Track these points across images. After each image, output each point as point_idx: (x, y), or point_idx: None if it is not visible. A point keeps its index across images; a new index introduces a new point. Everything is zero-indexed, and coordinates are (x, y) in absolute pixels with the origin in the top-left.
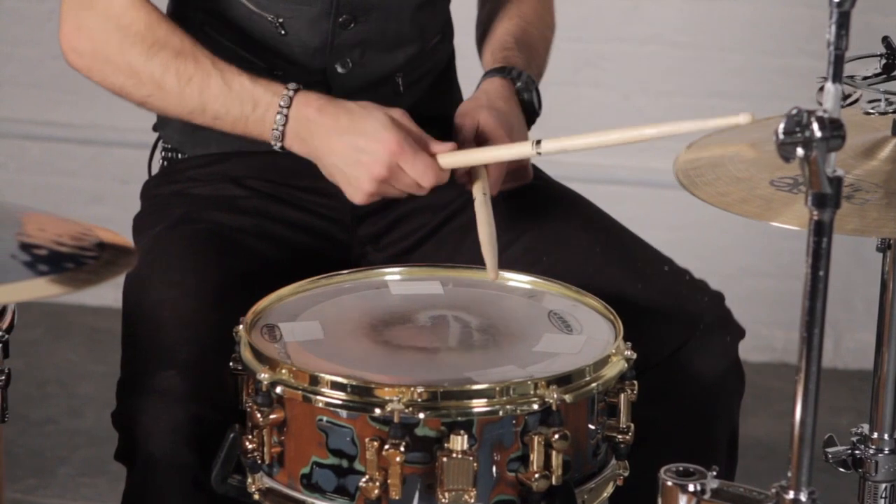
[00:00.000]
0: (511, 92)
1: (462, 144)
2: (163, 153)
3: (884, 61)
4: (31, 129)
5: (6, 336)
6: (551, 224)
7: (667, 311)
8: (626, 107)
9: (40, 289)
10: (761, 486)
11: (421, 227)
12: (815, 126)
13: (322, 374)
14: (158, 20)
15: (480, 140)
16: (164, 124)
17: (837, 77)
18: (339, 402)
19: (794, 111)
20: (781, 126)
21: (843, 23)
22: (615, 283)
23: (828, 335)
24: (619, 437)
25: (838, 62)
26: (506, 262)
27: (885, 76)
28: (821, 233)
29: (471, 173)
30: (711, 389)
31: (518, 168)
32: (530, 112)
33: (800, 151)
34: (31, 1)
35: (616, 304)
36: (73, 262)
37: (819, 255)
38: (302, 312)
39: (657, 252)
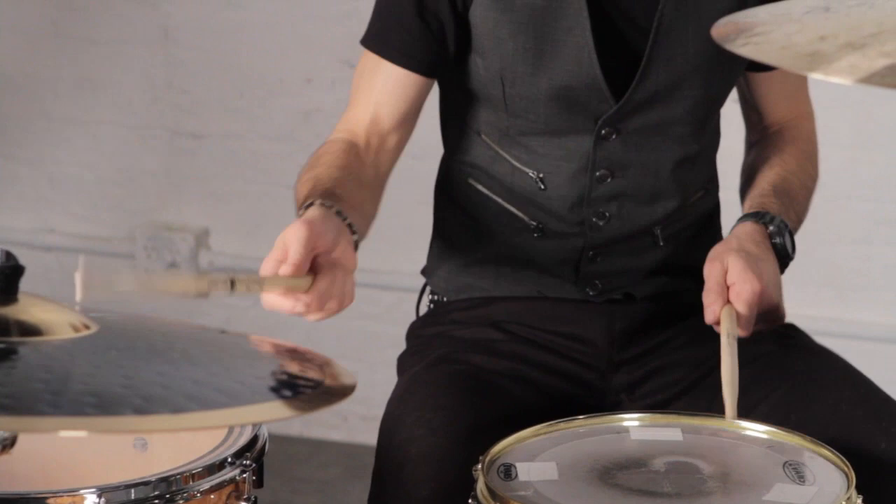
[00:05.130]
0: (763, 236)
1: (711, 288)
2: (430, 296)
3: None
4: None
5: (253, 465)
6: (801, 381)
7: None
8: None
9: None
10: None
11: (678, 381)
12: None
13: None
14: (339, 151)
15: (730, 284)
16: (432, 272)
17: None
18: None
19: None
20: None
21: None
22: (858, 439)
23: None
24: None
25: None
26: (755, 417)
27: None
28: None
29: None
30: None
31: (769, 310)
32: (783, 256)
33: None
34: None
35: (858, 460)
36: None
37: None
38: (540, 454)
39: None
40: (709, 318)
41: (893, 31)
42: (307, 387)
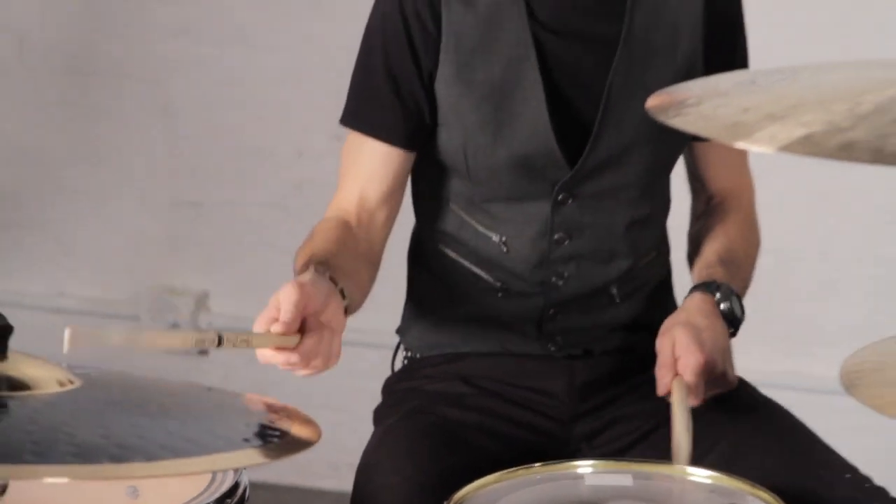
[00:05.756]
0: (712, 305)
1: (662, 363)
2: (404, 353)
3: None
4: None
5: None
6: (745, 431)
7: None
8: None
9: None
10: None
11: (634, 430)
12: None
13: None
14: (333, 227)
15: (677, 357)
16: (405, 331)
17: None
18: None
19: None
20: None
21: None
22: (795, 483)
23: None
24: None
25: None
26: (702, 462)
27: None
28: None
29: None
30: None
31: (717, 376)
32: (732, 320)
33: None
34: None
35: (794, 502)
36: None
37: None
38: (500, 499)
39: (843, 460)
40: (660, 390)
41: (811, 103)
42: (273, 437)
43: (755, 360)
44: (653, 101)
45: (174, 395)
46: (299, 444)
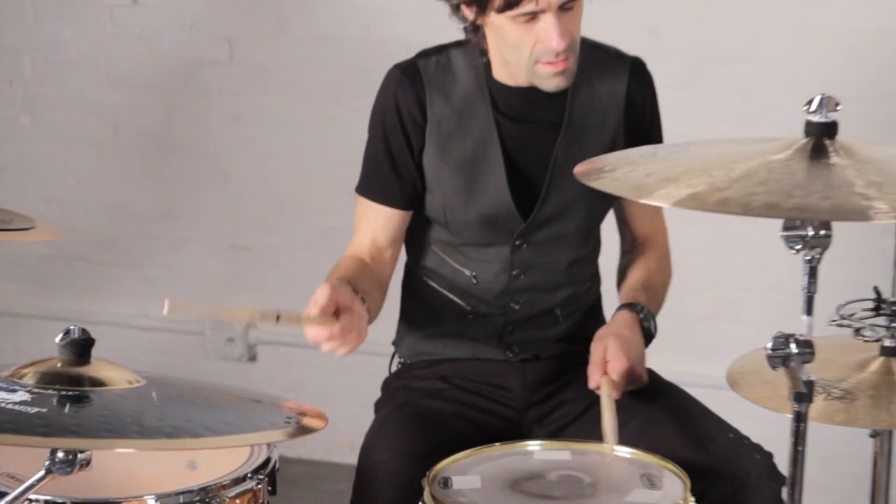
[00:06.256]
0: (635, 321)
1: (594, 362)
2: (398, 360)
3: (873, 304)
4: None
5: (266, 478)
6: (653, 409)
7: (728, 468)
8: None
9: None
10: None
11: (571, 413)
12: (793, 346)
13: None
14: (353, 261)
15: (607, 360)
16: (399, 343)
17: (809, 311)
18: None
19: (780, 335)
20: (769, 344)
21: (813, 273)
22: (691, 452)
23: None
24: None
25: (810, 301)
26: (620, 439)
27: (874, 314)
28: (799, 419)
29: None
30: None
31: (635, 378)
32: (648, 335)
33: (782, 362)
34: None
35: (690, 467)
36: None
37: (799, 435)
38: (469, 470)
39: (727, 424)
40: (592, 384)
41: (697, 170)
42: (288, 424)
43: (673, 364)
44: (580, 169)
45: (218, 392)
46: (308, 430)
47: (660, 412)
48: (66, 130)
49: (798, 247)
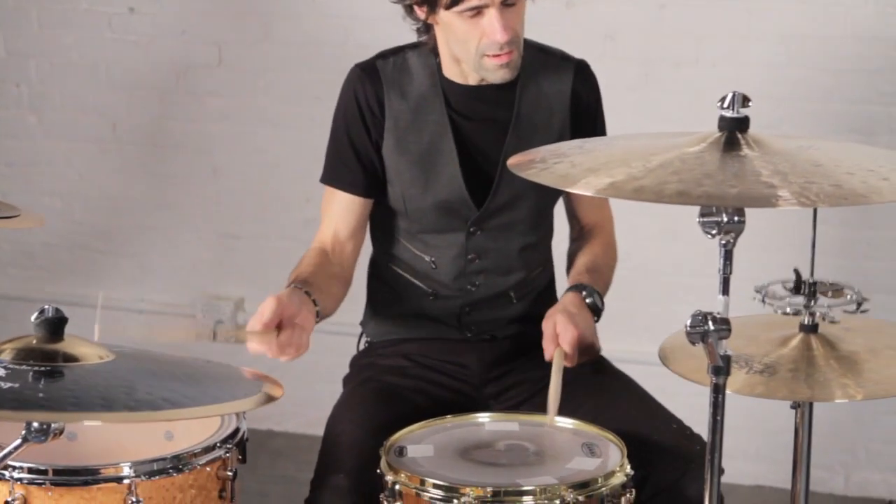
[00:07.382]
0: (581, 300)
1: (547, 337)
2: (365, 339)
3: (792, 285)
4: None
5: (234, 447)
6: (604, 396)
7: (672, 455)
8: None
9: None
10: None
11: (526, 391)
12: (710, 323)
13: (426, 478)
14: (314, 255)
15: (558, 333)
16: (366, 324)
17: (725, 291)
18: (438, 497)
19: (698, 313)
20: (689, 322)
21: (728, 257)
22: (633, 427)
23: (838, 472)
24: None
25: (726, 282)
26: (571, 415)
27: (792, 293)
28: (717, 391)
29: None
30: None
31: (587, 346)
32: (594, 310)
33: (701, 339)
34: None
35: (637, 447)
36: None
37: (717, 406)
38: (423, 440)
39: (670, 414)
40: (547, 356)
41: (617, 160)
42: (248, 395)
43: (624, 343)
44: (513, 161)
45: (180, 365)
46: (269, 398)
47: (609, 398)
48: (69, 129)
49: (714, 232)
